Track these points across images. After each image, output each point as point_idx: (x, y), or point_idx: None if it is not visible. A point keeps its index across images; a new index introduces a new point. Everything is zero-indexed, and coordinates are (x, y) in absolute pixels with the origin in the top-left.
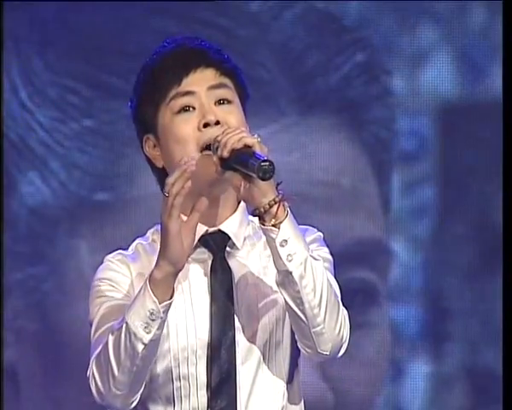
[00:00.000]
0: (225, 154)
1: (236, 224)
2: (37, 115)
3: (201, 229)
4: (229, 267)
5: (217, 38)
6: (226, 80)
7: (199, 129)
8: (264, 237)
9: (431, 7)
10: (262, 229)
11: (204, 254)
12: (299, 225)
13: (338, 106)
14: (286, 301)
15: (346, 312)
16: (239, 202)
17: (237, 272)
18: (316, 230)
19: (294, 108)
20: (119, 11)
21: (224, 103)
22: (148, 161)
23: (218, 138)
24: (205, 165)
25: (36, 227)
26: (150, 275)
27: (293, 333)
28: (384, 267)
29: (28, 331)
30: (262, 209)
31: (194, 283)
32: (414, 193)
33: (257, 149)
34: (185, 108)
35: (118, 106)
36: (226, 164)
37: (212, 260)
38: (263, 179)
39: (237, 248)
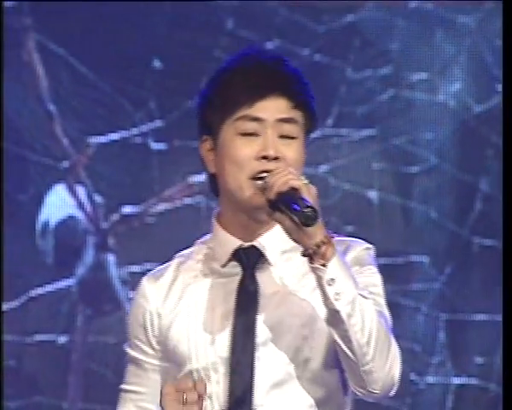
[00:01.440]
0: (272, 196)
1: (272, 240)
2: (65, 126)
3: (235, 243)
4: (258, 284)
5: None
6: (296, 114)
7: (256, 158)
8: (298, 255)
9: (453, 21)
10: (310, 267)
11: (236, 268)
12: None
13: (363, 119)
14: (335, 339)
15: (397, 350)
16: None
17: (266, 288)
18: (363, 243)
19: (321, 121)
20: (148, 25)
21: (287, 138)
22: (202, 160)
23: (267, 180)
24: (257, 193)
25: (63, 240)
26: None
27: (327, 354)
28: (407, 279)
29: (55, 344)
30: (310, 250)
31: (221, 298)
32: (436, 205)
33: (303, 192)
34: (249, 133)
35: (145, 118)
36: (274, 205)
37: (242, 276)
38: (306, 226)
39: (270, 264)
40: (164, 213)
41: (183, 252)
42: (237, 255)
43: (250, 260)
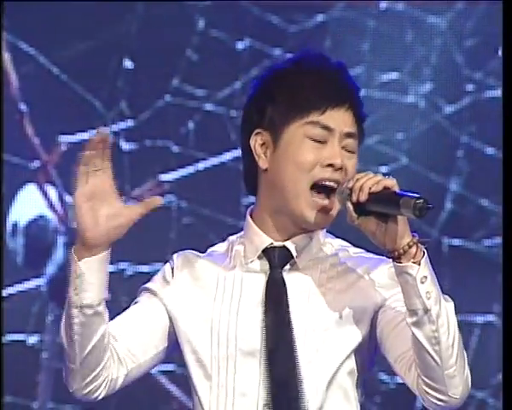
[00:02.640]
0: (363, 198)
1: (304, 244)
2: (36, 126)
3: (267, 241)
4: (284, 283)
5: (215, 49)
6: (356, 130)
7: (321, 165)
8: (329, 262)
9: (423, 21)
10: (398, 267)
11: (265, 266)
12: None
13: None
14: (419, 341)
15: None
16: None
17: (292, 289)
18: (388, 260)
19: None
20: (119, 24)
21: (348, 152)
22: (246, 152)
23: (349, 185)
24: (318, 212)
25: (33, 239)
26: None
27: (346, 357)
28: None
29: (25, 343)
30: (401, 251)
31: (247, 293)
32: None
33: (396, 190)
34: (317, 140)
35: (116, 118)
36: (361, 209)
37: (270, 273)
38: (419, 217)
39: (298, 267)
40: None
41: (215, 248)
42: (267, 253)
43: (279, 259)
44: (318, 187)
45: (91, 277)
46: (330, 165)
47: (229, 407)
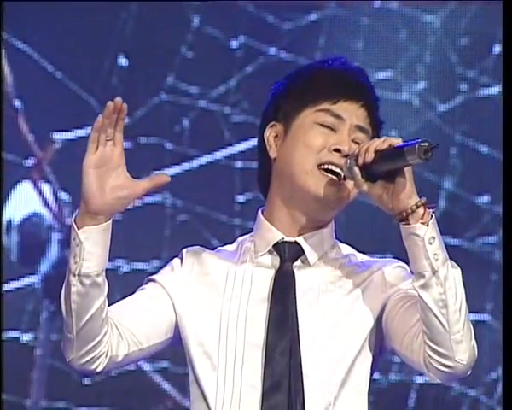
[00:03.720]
0: (369, 158)
1: (315, 241)
2: (31, 124)
3: (278, 235)
4: (294, 276)
5: (210, 47)
6: (369, 128)
7: (328, 149)
8: (339, 261)
9: (417, 19)
10: (406, 229)
11: (275, 260)
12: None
13: None
14: (426, 304)
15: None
16: (328, 222)
17: (301, 284)
18: (397, 261)
19: None
20: (114, 22)
21: (357, 144)
22: (261, 145)
23: (355, 152)
24: (326, 186)
25: (28, 236)
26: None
27: (354, 354)
28: None
29: (19, 341)
30: (409, 210)
31: (257, 287)
32: None
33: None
34: (327, 126)
35: None
36: (368, 172)
37: (280, 267)
38: (425, 159)
39: (308, 263)
40: (129, 209)
41: (224, 247)
42: (278, 248)
43: (290, 254)
44: (324, 169)
45: (91, 246)
46: (337, 150)
47: (236, 399)
